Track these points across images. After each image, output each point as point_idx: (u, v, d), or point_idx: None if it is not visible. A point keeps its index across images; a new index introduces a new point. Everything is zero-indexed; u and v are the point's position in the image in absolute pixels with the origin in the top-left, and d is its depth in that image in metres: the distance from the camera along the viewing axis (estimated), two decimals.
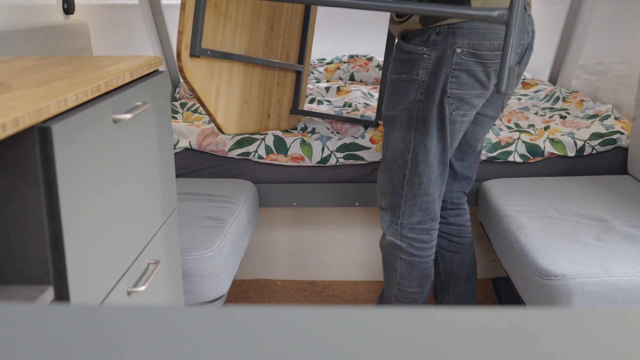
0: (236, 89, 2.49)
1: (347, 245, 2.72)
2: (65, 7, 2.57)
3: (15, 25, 2.19)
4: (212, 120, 2.44)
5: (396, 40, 1.94)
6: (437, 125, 1.85)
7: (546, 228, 1.90)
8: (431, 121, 1.84)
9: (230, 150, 2.49)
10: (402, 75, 1.85)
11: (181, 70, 2.21)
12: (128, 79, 1.30)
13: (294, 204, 2.54)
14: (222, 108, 2.43)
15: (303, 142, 2.49)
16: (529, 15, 1.86)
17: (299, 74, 2.79)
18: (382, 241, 2.04)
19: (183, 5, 2.16)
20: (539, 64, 4.11)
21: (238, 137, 2.51)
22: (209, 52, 2.27)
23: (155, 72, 1.48)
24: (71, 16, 2.63)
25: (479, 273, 2.76)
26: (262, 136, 2.52)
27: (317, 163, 2.47)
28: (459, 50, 1.76)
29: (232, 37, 2.43)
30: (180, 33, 2.17)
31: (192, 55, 2.21)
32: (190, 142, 2.50)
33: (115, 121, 1.21)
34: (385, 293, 2.11)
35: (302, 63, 2.80)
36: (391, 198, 1.96)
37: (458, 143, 1.98)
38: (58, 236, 1.01)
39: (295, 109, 2.77)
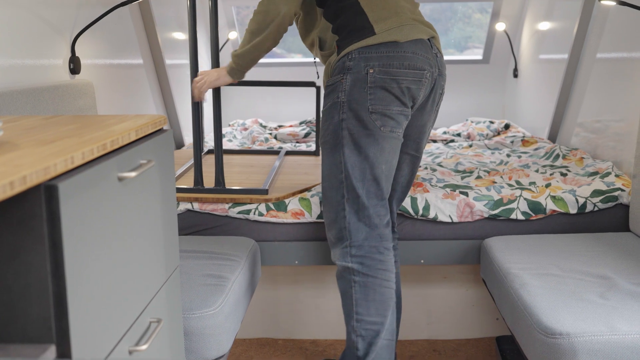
0: None
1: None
2: (72, 67, 2.61)
3: (22, 84, 2.23)
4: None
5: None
6: (364, 141, 1.97)
7: (549, 285, 1.89)
8: (356, 138, 1.98)
9: (230, 208, 2.50)
10: (327, 104, 2.03)
11: None
12: (133, 138, 1.32)
13: (296, 262, 2.53)
14: None
15: (301, 199, 2.51)
16: (436, 54, 2.04)
17: None
18: (337, 272, 2.09)
19: None
20: (538, 122, 4.15)
21: (236, 199, 2.52)
22: None
23: (160, 131, 1.50)
24: (77, 76, 2.67)
25: (482, 331, 2.74)
26: (259, 203, 2.53)
27: (317, 218, 2.48)
28: (371, 70, 1.95)
29: None
30: None
31: None
32: (192, 204, 2.51)
33: (121, 179, 1.22)
34: (346, 330, 2.08)
35: None
36: (337, 226, 2.04)
37: (396, 163, 2.08)
38: (62, 294, 1.00)
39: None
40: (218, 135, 2.54)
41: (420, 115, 2.09)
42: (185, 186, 2.59)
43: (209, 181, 2.67)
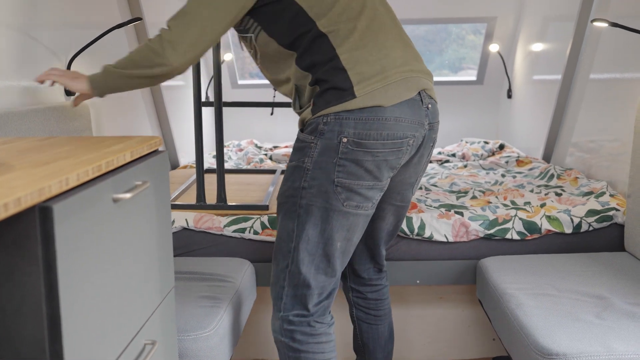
0: None
1: (344, 324, 2.69)
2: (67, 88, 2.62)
3: (17, 106, 2.23)
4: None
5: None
6: (322, 214, 1.77)
7: (546, 306, 1.89)
8: (314, 210, 1.77)
9: (225, 226, 2.50)
10: (292, 163, 1.81)
11: None
12: (128, 159, 1.32)
13: None
14: None
15: None
16: (427, 107, 1.81)
17: None
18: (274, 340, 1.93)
19: None
20: (532, 142, 4.17)
21: (233, 216, 2.54)
22: None
23: (155, 152, 1.50)
24: (72, 97, 2.68)
25: (478, 352, 2.72)
26: (258, 216, 2.55)
27: None
28: (345, 139, 1.71)
29: None
30: None
31: None
32: (186, 220, 2.51)
33: (115, 200, 1.21)
34: None
35: None
36: (275, 290, 1.87)
37: (358, 240, 1.87)
38: (55, 315, 1.00)
39: None
40: (220, 153, 2.59)
41: (405, 170, 1.89)
42: (187, 203, 2.65)
43: (210, 199, 2.72)
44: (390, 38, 1.81)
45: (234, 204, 2.66)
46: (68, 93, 2.63)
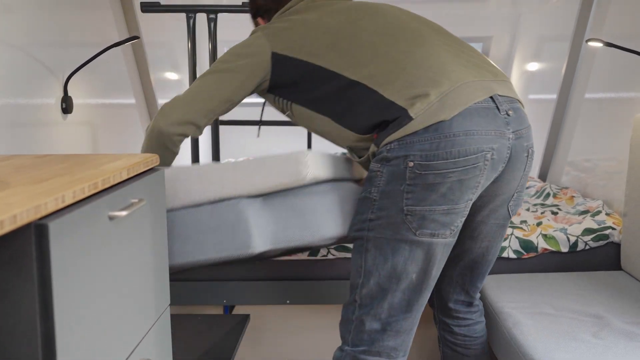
0: None
1: None
2: (64, 106, 2.62)
3: (14, 123, 2.23)
4: None
5: None
6: (392, 246, 1.66)
7: (542, 325, 1.88)
8: (384, 242, 1.67)
9: None
10: (361, 195, 1.72)
11: None
12: (125, 177, 1.32)
13: (287, 301, 2.52)
14: None
15: None
16: (507, 114, 1.66)
17: None
18: None
19: None
20: None
21: None
22: None
23: (152, 170, 1.50)
24: (69, 115, 2.68)
25: None
26: None
27: (309, 255, 2.48)
28: (411, 163, 1.60)
29: None
30: None
31: None
32: None
33: (111, 218, 1.21)
34: None
35: None
36: (344, 324, 1.78)
37: (438, 272, 1.73)
38: (50, 334, 0.99)
39: None
40: None
41: (497, 186, 1.72)
42: None
43: None
44: (432, 51, 1.70)
45: None
46: (65, 111, 2.63)
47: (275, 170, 1.75)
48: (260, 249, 1.74)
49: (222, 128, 4.69)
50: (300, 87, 1.77)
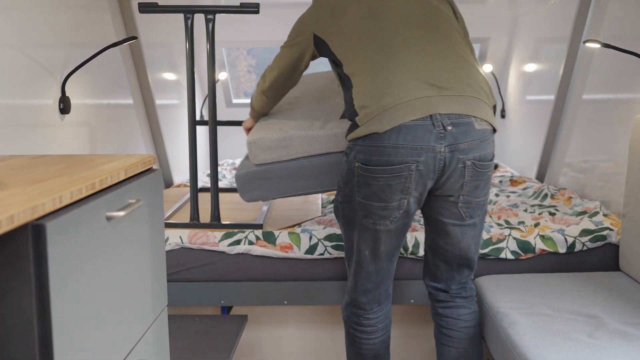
0: None
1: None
2: (62, 107, 2.62)
3: (12, 124, 2.23)
4: None
5: None
6: (351, 226, 2.01)
7: (538, 325, 1.89)
8: (348, 221, 2.02)
9: (220, 241, 2.50)
10: (338, 178, 2.06)
11: None
12: (122, 177, 1.32)
13: (285, 302, 2.52)
14: None
15: (291, 233, 2.53)
16: (445, 129, 1.86)
17: None
18: None
19: None
20: (526, 162, 4.18)
21: (228, 230, 2.55)
22: None
23: (149, 170, 1.50)
24: (67, 116, 2.68)
25: None
26: (251, 230, 2.57)
27: (305, 253, 2.48)
28: (357, 164, 1.91)
29: None
30: None
31: None
32: (180, 237, 2.51)
33: (109, 218, 1.21)
34: None
35: None
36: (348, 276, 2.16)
37: (390, 249, 2.02)
38: (47, 335, 0.99)
39: None
40: (214, 171, 2.59)
41: (442, 187, 1.93)
42: (181, 221, 2.64)
43: (204, 217, 2.71)
44: (399, 63, 1.93)
45: (227, 222, 2.65)
46: (63, 111, 2.63)
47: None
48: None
49: (220, 128, 4.68)
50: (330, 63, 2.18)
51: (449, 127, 1.86)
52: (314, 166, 2.41)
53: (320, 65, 2.74)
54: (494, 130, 2.00)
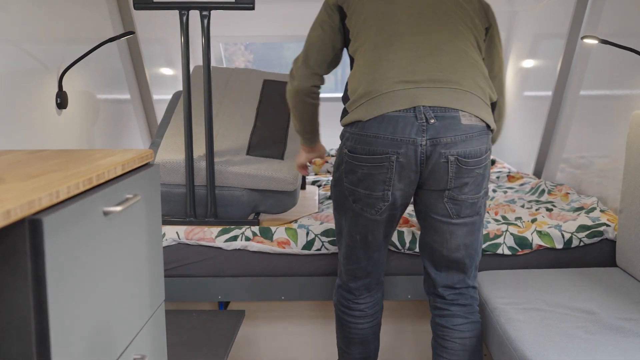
0: None
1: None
2: (59, 101, 2.61)
3: (9, 119, 2.23)
4: None
5: None
6: (343, 210, 2.03)
7: (535, 320, 1.89)
8: (339, 204, 2.05)
9: (217, 237, 2.50)
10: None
11: None
12: (119, 172, 1.32)
13: (282, 297, 2.52)
14: None
15: (288, 229, 2.53)
16: (427, 122, 1.84)
17: None
18: None
19: None
20: (523, 158, 4.18)
21: (225, 226, 2.55)
22: None
23: (147, 165, 1.50)
24: (64, 110, 2.67)
25: None
26: (248, 226, 2.56)
27: (302, 248, 2.48)
28: (345, 150, 1.94)
29: None
30: None
31: None
32: (177, 232, 2.50)
33: (106, 213, 1.21)
34: None
35: None
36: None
37: (379, 239, 2.03)
38: (44, 331, 0.99)
39: None
40: (210, 167, 2.58)
41: (426, 181, 1.92)
42: (177, 218, 2.63)
43: (200, 214, 2.71)
44: (393, 54, 1.90)
45: (225, 219, 2.65)
46: (60, 106, 2.63)
47: None
48: None
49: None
50: None
51: (432, 120, 1.83)
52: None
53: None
54: (489, 128, 1.94)
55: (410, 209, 2.94)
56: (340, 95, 2.06)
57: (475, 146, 1.88)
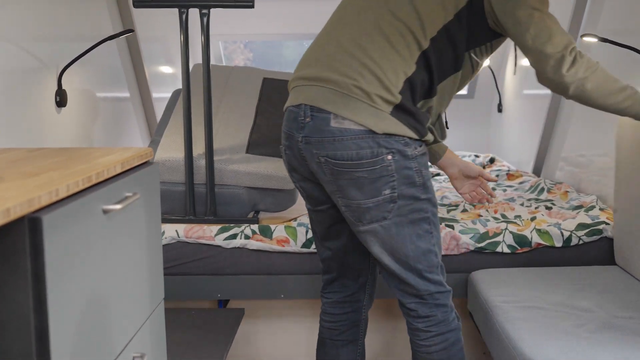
0: None
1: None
2: (58, 99, 2.61)
3: (8, 117, 2.23)
4: None
5: None
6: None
7: (534, 319, 1.89)
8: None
9: (216, 235, 2.50)
10: None
11: None
12: (119, 170, 1.32)
13: (282, 295, 2.52)
14: None
15: (287, 227, 2.53)
16: (305, 120, 1.80)
17: None
18: None
19: None
20: (523, 156, 4.18)
21: (224, 224, 2.56)
22: None
23: (146, 164, 1.50)
24: (63, 109, 2.67)
25: None
26: (247, 224, 2.57)
27: (302, 247, 2.49)
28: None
29: None
30: None
31: None
32: (177, 230, 2.51)
33: (106, 212, 1.21)
34: None
35: None
36: None
37: (322, 234, 2.04)
38: (44, 329, 0.99)
39: None
40: (210, 165, 2.59)
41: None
42: (177, 216, 2.63)
43: (199, 212, 2.71)
44: (318, 42, 1.90)
45: (224, 217, 2.65)
46: (59, 104, 2.63)
47: None
48: None
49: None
50: None
51: (307, 119, 1.79)
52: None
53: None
54: (372, 131, 1.74)
55: None
56: None
57: (348, 150, 1.75)
